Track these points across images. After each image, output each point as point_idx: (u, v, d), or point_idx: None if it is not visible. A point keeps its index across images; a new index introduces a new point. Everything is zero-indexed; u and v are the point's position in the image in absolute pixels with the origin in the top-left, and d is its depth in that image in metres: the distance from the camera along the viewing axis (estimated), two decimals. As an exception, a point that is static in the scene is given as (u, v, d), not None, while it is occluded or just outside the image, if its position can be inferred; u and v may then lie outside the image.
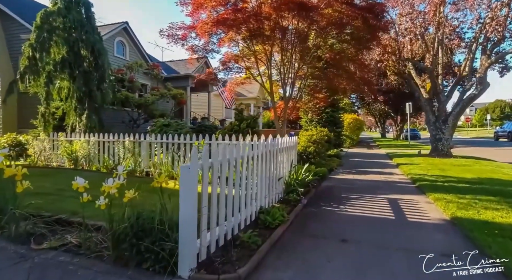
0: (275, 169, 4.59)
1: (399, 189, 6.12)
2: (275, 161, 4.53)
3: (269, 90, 7.62)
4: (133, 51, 14.71)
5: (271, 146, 4.40)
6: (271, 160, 4.33)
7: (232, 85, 8.67)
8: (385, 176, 7.77)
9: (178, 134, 6.97)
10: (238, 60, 7.63)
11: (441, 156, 11.52)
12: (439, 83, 12.24)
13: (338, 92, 8.51)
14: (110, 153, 7.28)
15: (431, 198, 5.09)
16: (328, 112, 13.78)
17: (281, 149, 4.96)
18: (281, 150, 4.96)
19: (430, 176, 7.39)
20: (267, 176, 4.16)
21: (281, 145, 4.91)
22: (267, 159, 4.12)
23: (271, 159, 4.33)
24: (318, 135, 9.18)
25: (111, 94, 9.14)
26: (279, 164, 4.81)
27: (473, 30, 11.17)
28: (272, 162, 4.39)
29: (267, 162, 4.16)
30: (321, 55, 7.63)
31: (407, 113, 20.33)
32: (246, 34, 6.67)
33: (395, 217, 4.12)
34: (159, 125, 7.38)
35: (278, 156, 4.74)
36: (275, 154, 4.56)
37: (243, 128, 7.13)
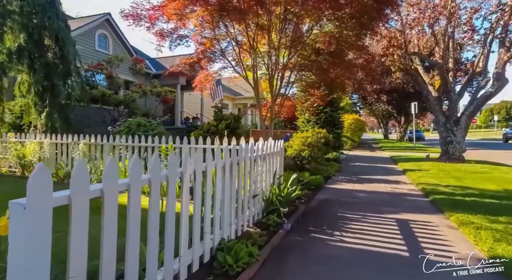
0: (251, 184, 3.48)
1: (409, 204, 4.98)
2: (250, 173, 3.43)
3: (253, 84, 6.43)
4: (117, 45, 13.65)
5: (246, 153, 3.30)
6: (243, 172, 3.23)
7: (203, 76, 7.42)
8: (391, 186, 6.64)
9: (146, 136, 5.88)
10: (208, 44, 6.41)
11: (453, 161, 10.35)
12: (450, 80, 11.06)
13: (336, 88, 7.37)
14: (70, 158, 6.22)
15: (453, 221, 3.96)
16: (327, 111, 12.64)
17: (261, 157, 3.85)
18: (261, 158, 3.85)
19: (444, 186, 6.25)
20: (234, 195, 3.05)
21: (260, 152, 3.80)
22: (233, 172, 3.01)
23: (243, 172, 3.23)
24: (314, 137, 8.06)
25: (79, 90, 8.05)
26: (256, 176, 3.71)
27: (489, 20, 9.98)
28: (244, 175, 3.29)
29: (235, 177, 3.06)
30: (313, 39, 6.43)
31: (411, 113, 19.17)
32: (215, 9, 5.50)
33: (409, 252, 2.99)
34: (127, 125, 6.32)
35: (255, 166, 3.63)
36: (250, 164, 3.45)
37: (222, 129, 6.02)
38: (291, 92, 8.60)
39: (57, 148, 6.44)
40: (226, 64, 7.04)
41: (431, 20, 10.71)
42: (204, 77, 7.33)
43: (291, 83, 7.68)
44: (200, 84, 7.48)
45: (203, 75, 7.35)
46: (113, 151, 6.00)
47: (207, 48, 6.49)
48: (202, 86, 7.65)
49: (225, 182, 2.89)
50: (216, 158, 2.78)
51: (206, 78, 7.37)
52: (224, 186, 2.85)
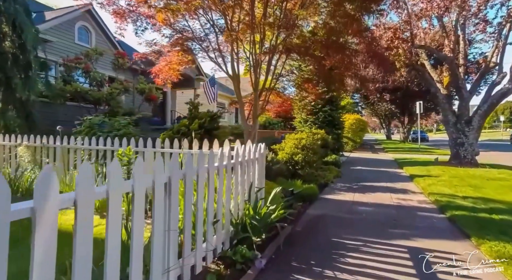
0: (209, 205, 2.52)
1: (423, 224, 3.99)
2: (204, 191, 2.46)
3: (231, 73, 5.35)
4: (100, 39, 12.70)
5: (202, 162, 2.34)
6: (192, 192, 2.26)
7: (164, 65, 6.28)
8: (398, 196, 5.65)
9: (113, 137, 4.92)
10: (173, 17, 5.33)
11: (465, 165, 9.33)
12: (461, 75, 10.05)
13: (333, 82, 6.35)
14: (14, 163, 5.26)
15: (485, 252, 2.97)
16: (326, 110, 11.62)
17: (231, 166, 2.89)
18: (230, 167, 2.89)
19: (462, 198, 5.25)
20: (175, 228, 2.08)
21: (227, 161, 2.84)
22: (173, 193, 2.04)
23: (193, 190, 2.26)
24: (309, 139, 7.08)
25: (44, 84, 7.11)
26: (221, 193, 2.73)
27: (509, 6, 8.93)
28: (199, 194, 2.32)
29: (189, 195, 2.09)
30: (304, 17, 5.36)
31: (415, 113, 18.19)
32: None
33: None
34: (88, 124, 5.37)
35: (224, 178, 2.68)
36: (209, 178, 2.49)
37: (194, 130, 5.05)
38: (284, 87, 7.50)
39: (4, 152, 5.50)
40: (201, 51, 5.94)
41: (439, 10, 9.70)
42: (166, 65, 6.26)
43: (279, 75, 6.65)
44: (160, 74, 6.42)
45: (163, 63, 6.29)
46: (68, 155, 5.04)
47: (172, 24, 5.45)
48: (166, 77, 6.58)
49: (169, 206, 1.95)
50: (155, 171, 1.84)
51: (170, 67, 6.30)
52: (160, 214, 1.89)
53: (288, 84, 7.15)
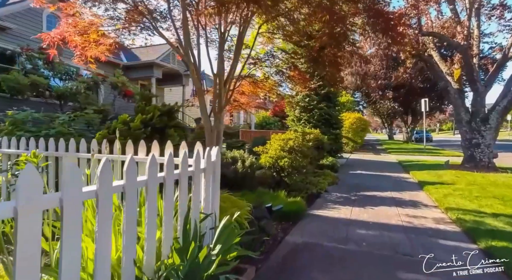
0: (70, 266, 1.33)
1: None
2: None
3: (183, 47, 3.79)
4: (75, 29, 11.54)
5: (74, 185, 1.15)
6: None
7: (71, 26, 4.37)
8: (407, 212, 4.45)
9: (27, 138, 3.74)
10: None
11: (481, 169, 8.10)
12: (476, 67, 8.82)
13: (324, 67, 5.09)
14: None
15: None
16: (322, 107, 10.40)
17: (143, 186, 1.70)
18: (140, 188, 1.70)
19: (492, 216, 4.06)
20: None
21: (130, 181, 1.64)
22: None
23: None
24: (298, 140, 5.89)
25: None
26: (117, 234, 1.54)
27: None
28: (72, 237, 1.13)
29: None
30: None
31: (420, 112, 16.99)
32: None
33: None
34: (12, 121, 4.20)
35: (122, 209, 1.48)
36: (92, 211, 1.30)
37: (136, 128, 3.83)
38: (266, 75, 6.18)
39: None
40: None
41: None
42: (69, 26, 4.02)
43: (257, 59, 5.39)
44: (79, 50, 4.52)
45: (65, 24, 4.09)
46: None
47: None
48: (89, 56, 4.59)
49: None
50: None
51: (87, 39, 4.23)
52: None
53: (270, 71, 5.82)
